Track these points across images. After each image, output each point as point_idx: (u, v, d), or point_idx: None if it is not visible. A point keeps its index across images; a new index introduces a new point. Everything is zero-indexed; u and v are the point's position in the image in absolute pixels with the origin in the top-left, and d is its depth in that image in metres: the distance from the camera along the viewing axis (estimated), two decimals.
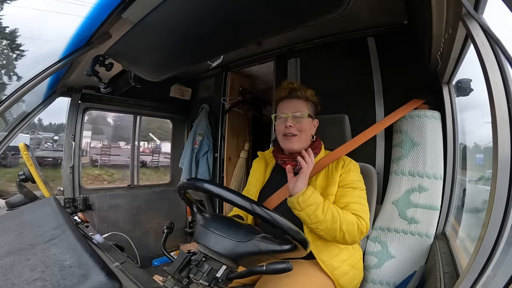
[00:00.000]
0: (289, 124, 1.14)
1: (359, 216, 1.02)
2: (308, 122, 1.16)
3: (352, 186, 1.10)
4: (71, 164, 2.17)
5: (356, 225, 1.00)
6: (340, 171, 1.13)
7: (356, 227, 1.00)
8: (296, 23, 0.70)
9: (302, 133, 1.15)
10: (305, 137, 1.16)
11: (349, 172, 1.13)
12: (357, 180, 1.12)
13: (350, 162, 1.17)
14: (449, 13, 0.87)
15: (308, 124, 1.16)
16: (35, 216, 0.93)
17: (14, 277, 0.56)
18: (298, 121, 1.15)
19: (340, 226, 0.98)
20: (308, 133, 1.17)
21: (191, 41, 0.92)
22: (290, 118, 1.15)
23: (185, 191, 0.85)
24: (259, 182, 1.25)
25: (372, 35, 1.68)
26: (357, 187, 1.10)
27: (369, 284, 1.33)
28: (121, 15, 1.03)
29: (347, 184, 1.10)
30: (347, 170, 1.13)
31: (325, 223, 0.98)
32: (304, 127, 1.15)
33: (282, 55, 2.10)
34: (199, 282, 0.69)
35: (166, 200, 2.72)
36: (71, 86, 2.09)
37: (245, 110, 2.77)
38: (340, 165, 1.15)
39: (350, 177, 1.12)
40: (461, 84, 1.30)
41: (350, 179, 1.11)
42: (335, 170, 1.14)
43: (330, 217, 0.97)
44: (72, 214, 1.25)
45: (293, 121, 1.15)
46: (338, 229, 0.98)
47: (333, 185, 1.10)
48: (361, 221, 1.01)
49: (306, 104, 1.18)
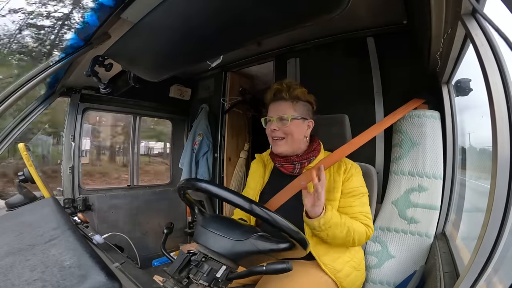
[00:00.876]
0: (273, 128, 1.12)
1: (367, 225, 1.06)
2: (295, 124, 1.12)
3: (356, 194, 1.09)
4: (70, 165, 2.17)
5: (365, 234, 1.05)
6: (343, 176, 1.11)
7: (365, 236, 1.05)
8: (296, 23, 0.70)
9: (288, 136, 1.12)
10: (293, 139, 1.13)
11: (352, 177, 1.11)
12: (360, 186, 1.12)
13: (352, 166, 1.15)
14: (448, 13, 0.87)
15: (295, 126, 1.12)
16: (34, 216, 0.93)
17: (14, 277, 0.56)
18: (283, 123, 1.12)
19: (353, 238, 1.01)
20: (297, 135, 1.13)
21: (190, 41, 0.92)
22: (274, 121, 1.13)
23: (185, 191, 0.85)
24: (258, 185, 1.24)
25: (372, 35, 1.68)
26: (361, 193, 1.10)
27: (369, 284, 1.33)
28: (121, 16, 1.02)
29: (350, 192, 1.09)
30: (349, 176, 1.11)
31: (340, 239, 1.01)
32: (290, 130, 1.12)
33: (282, 55, 2.10)
34: (199, 282, 0.69)
35: (165, 201, 2.72)
36: (71, 87, 2.09)
37: (244, 110, 2.77)
38: (342, 170, 1.13)
39: (353, 183, 1.10)
40: (460, 84, 1.31)
41: (353, 186, 1.10)
42: (337, 174, 1.12)
43: (345, 233, 1.00)
44: (72, 215, 1.25)
45: (278, 124, 1.12)
46: (350, 241, 1.02)
47: (336, 190, 1.09)
48: (368, 229, 1.06)
49: (293, 105, 1.14)
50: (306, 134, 1.17)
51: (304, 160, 1.15)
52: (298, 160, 1.15)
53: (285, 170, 1.17)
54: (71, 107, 2.17)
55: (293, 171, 1.16)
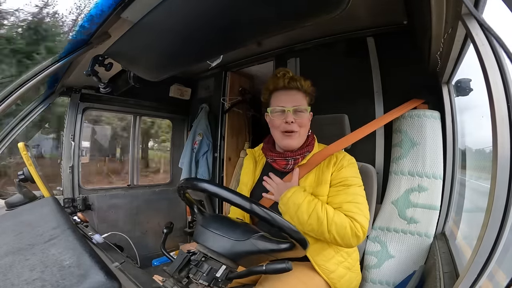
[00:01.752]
0: (291, 120, 1.03)
1: (352, 218, 0.94)
2: (306, 116, 1.08)
3: (345, 184, 1.01)
4: (70, 164, 2.17)
5: (348, 229, 0.92)
6: (332, 169, 1.05)
7: (349, 231, 0.92)
8: (296, 23, 0.70)
9: (302, 129, 1.07)
10: (305, 132, 1.09)
11: (341, 169, 1.04)
12: (351, 177, 1.03)
13: (344, 158, 1.08)
14: (448, 13, 0.87)
15: (306, 118, 1.08)
16: (34, 216, 0.93)
17: (13, 277, 0.56)
18: (300, 116, 1.05)
19: (328, 228, 0.92)
20: (307, 128, 1.10)
21: (190, 41, 0.92)
22: (291, 113, 1.04)
23: (185, 191, 0.85)
24: (249, 182, 1.19)
25: (372, 35, 1.68)
26: (352, 184, 1.01)
27: (369, 284, 1.33)
28: (121, 15, 1.02)
29: (339, 182, 1.02)
30: (339, 168, 1.05)
31: (309, 225, 0.94)
32: (305, 122, 1.07)
33: (282, 55, 2.10)
34: (198, 282, 0.69)
35: (165, 200, 2.72)
36: (71, 86, 2.09)
37: (244, 110, 2.78)
38: (332, 163, 1.07)
39: (342, 174, 1.03)
40: (460, 84, 1.31)
41: (343, 176, 1.03)
42: (326, 168, 1.07)
43: (315, 219, 0.93)
44: (72, 214, 1.25)
45: (295, 116, 1.05)
46: (325, 232, 0.92)
47: (323, 184, 1.03)
48: (354, 224, 0.93)
49: (305, 97, 1.09)
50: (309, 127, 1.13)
51: (298, 156, 1.09)
52: (292, 156, 1.09)
53: (278, 165, 1.12)
54: (71, 106, 2.17)
55: (285, 167, 1.10)
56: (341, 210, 0.96)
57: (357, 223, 0.93)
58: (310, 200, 0.97)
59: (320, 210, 0.94)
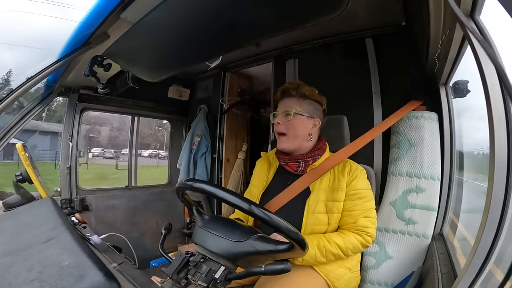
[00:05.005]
0: (277, 121, 1.14)
1: (365, 232, 1.05)
2: (298, 119, 1.13)
3: (361, 197, 1.09)
4: (68, 165, 2.16)
5: (360, 245, 1.05)
6: (347, 177, 1.11)
7: (361, 246, 1.05)
8: (295, 24, 0.70)
9: (290, 131, 1.12)
10: (295, 135, 1.13)
11: (357, 180, 1.10)
12: (365, 189, 1.11)
13: (357, 168, 1.14)
14: (446, 15, 0.88)
15: (298, 122, 1.13)
16: (32, 216, 0.93)
17: (11, 277, 0.56)
18: (286, 118, 1.13)
19: (345, 254, 1.03)
20: (300, 131, 1.13)
21: (189, 41, 0.92)
22: (279, 116, 1.15)
23: (184, 192, 0.85)
24: (261, 184, 1.23)
25: (370, 36, 1.69)
26: (366, 196, 1.10)
27: (367, 285, 1.33)
28: (120, 16, 1.02)
29: (355, 193, 1.09)
30: (354, 177, 1.11)
31: (330, 260, 1.03)
32: (291, 124, 1.12)
33: (281, 55, 2.10)
34: (197, 283, 0.69)
35: (163, 201, 2.71)
36: (69, 87, 2.09)
37: (243, 111, 2.77)
38: (346, 170, 1.12)
39: (358, 185, 1.10)
40: (458, 85, 1.31)
41: (358, 188, 1.09)
42: (342, 175, 1.11)
43: (331, 257, 1.02)
44: (70, 215, 1.24)
45: (283, 118, 1.14)
46: (343, 257, 1.05)
47: (340, 190, 1.08)
48: (365, 238, 1.05)
49: (299, 102, 1.14)
50: (312, 132, 1.15)
51: (308, 158, 1.14)
52: (303, 158, 1.14)
53: (290, 168, 1.16)
54: (69, 107, 2.16)
55: (297, 170, 1.15)
56: (356, 225, 1.06)
57: (368, 236, 1.06)
58: (320, 245, 1.02)
59: (331, 247, 1.02)
